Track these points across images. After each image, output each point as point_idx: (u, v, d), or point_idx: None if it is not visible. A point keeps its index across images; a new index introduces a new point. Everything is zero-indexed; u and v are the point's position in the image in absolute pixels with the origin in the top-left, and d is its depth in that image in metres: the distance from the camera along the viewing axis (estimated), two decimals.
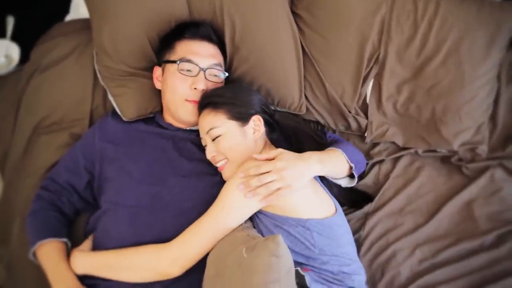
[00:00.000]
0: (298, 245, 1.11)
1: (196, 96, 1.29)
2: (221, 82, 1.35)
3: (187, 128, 1.37)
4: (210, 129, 1.22)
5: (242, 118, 1.22)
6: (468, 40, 1.38)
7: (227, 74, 1.36)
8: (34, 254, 1.23)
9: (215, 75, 1.32)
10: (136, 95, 1.41)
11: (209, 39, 1.35)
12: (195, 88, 1.28)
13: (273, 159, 1.12)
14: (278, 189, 1.08)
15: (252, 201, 1.10)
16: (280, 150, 1.14)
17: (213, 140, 1.22)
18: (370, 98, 1.51)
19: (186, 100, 1.30)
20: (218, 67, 1.33)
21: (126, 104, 1.40)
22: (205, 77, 1.30)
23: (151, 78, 1.41)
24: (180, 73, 1.29)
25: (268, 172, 1.08)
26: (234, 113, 1.22)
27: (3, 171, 1.50)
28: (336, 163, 1.22)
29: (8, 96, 1.57)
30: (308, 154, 1.15)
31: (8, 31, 1.64)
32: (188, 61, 1.30)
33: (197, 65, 1.30)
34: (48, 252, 1.22)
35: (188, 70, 1.30)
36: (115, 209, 1.24)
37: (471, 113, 1.44)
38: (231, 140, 1.20)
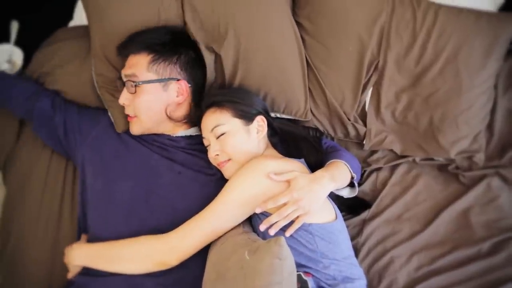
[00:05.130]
0: (300, 247, 1.12)
1: (126, 111, 1.33)
2: (134, 92, 1.29)
3: (174, 135, 1.37)
4: (215, 126, 1.23)
5: (247, 116, 1.25)
6: (466, 49, 1.39)
7: (143, 80, 1.29)
8: None
9: (131, 86, 1.29)
10: None
11: (129, 54, 1.33)
12: None
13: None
14: (297, 216, 1.10)
15: (254, 200, 1.12)
16: (294, 173, 1.15)
17: (217, 138, 1.23)
18: (368, 106, 1.52)
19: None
20: (131, 78, 1.29)
21: (118, 115, 1.39)
22: (128, 90, 1.30)
23: None
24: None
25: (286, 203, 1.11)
26: (239, 111, 1.25)
27: (5, 175, 1.51)
28: (343, 177, 1.25)
29: None
30: (320, 174, 1.17)
31: (12, 36, 1.65)
32: (119, 79, 1.35)
33: (122, 79, 1.33)
34: None
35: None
36: (108, 205, 1.27)
37: (468, 121, 1.46)
38: (236, 138, 1.23)
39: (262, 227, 1.10)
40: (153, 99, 1.30)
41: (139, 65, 1.30)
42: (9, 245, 1.37)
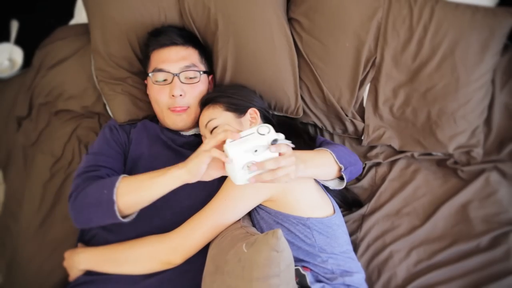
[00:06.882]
0: (298, 241, 1.13)
1: (177, 103, 1.31)
2: (198, 81, 1.34)
3: (185, 133, 1.39)
4: (208, 121, 1.25)
5: (239, 109, 1.26)
6: (463, 45, 1.40)
7: (203, 70, 1.36)
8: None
9: (190, 77, 1.32)
10: (126, 100, 1.43)
11: (174, 44, 1.34)
12: (173, 95, 1.30)
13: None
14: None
15: (254, 194, 1.12)
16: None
17: (211, 132, 1.24)
18: (366, 102, 1.53)
19: (169, 109, 1.32)
20: (192, 68, 1.33)
21: (118, 108, 1.42)
22: (181, 81, 1.31)
23: (142, 84, 1.45)
24: (156, 84, 1.32)
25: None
26: (230, 104, 1.27)
27: (5, 174, 1.52)
28: (321, 163, 1.20)
29: (11, 98, 1.60)
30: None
31: (12, 35, 1.67)
32: (160, 70, 1.31)
33: (169, 72, 1.30)
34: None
35: (164, 80, 1.31)
36: None
37: (466, 116, 1.46)
38: None
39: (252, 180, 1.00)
40: (205, 90, 1.36)
41: (193, 57, 1.35)
42: (9, 243, 1.38)
